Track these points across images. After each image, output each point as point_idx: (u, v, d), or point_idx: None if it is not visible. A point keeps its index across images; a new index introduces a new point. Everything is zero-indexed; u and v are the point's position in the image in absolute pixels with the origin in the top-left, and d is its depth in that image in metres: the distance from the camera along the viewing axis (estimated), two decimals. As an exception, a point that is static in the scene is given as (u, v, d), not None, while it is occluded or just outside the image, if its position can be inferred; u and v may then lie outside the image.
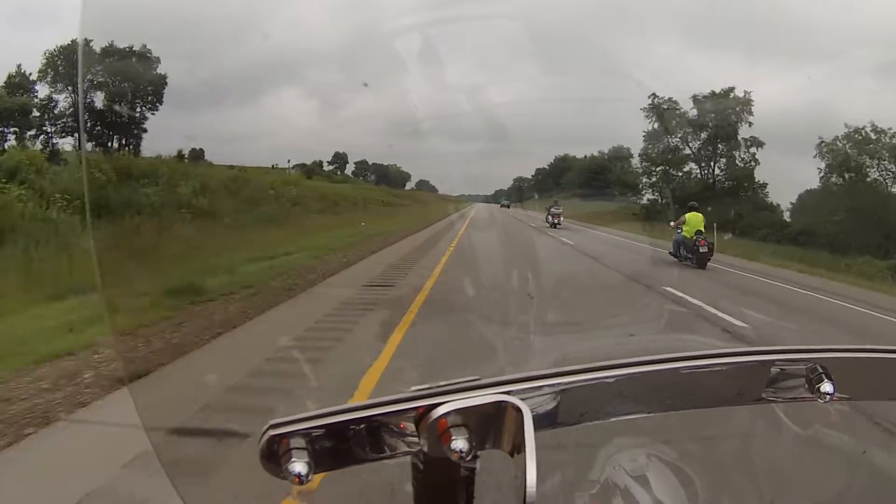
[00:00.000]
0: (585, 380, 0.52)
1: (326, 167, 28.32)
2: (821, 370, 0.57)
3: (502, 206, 29.08)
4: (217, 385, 3.55)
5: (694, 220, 10.47)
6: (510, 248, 10.91)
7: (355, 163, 31.86)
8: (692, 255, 10.14)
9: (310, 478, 0.45)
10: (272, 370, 3.92)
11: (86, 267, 6.32)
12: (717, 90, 19.26)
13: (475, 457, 0.48)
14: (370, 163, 32.61)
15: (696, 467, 1.01)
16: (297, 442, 0.45)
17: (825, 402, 0.57)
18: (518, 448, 0.46)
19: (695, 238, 10.15)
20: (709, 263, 10.13)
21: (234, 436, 2.74)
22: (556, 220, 17.77)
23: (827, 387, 0.56)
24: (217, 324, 5.15)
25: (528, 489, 0.42)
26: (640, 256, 11.92)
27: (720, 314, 5.86)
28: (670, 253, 10.81)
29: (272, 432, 0.45)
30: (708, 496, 1.05)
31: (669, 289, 7.41)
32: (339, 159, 30.29)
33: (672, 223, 11.29)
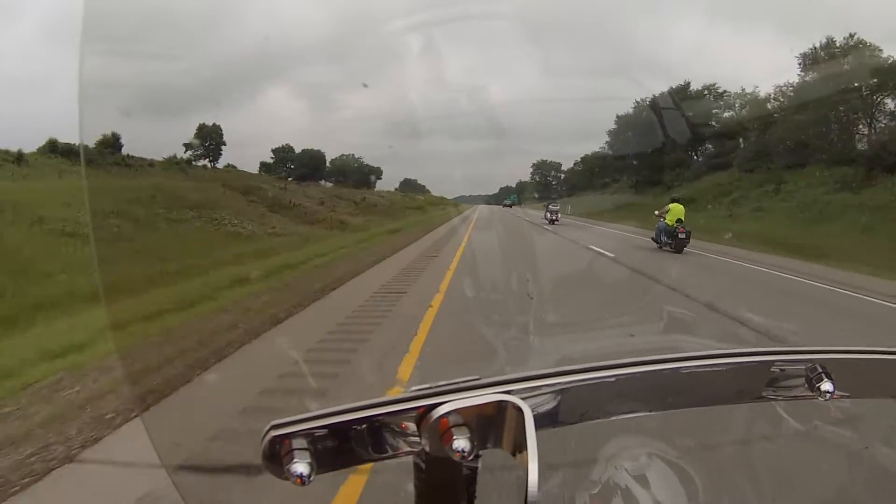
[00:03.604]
0: (586, 379, 0.52)
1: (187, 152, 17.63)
2: (820, 370, 0.57)
3: (504, 205, 28.34)
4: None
5: (676, 209, 11.48)
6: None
7: (273, 150, 22.19)
8: (672, 240, 11.12)
9: (312, 478, 0.45)
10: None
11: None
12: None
13: (477, 456, 0.48)
14: (298, 150, 21.63)
15: (697, 466, 1.01)
16: (299, 442, 0.45)
17: (825, 400, 0.57)
18: (519, 447, 0.46)
19: (675, 226, 11.19)
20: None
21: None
22: (553, 217, 18.61)
23: (827, 385, 0.56)
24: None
25: (529, 488, 0.42)
26: None
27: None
28: (651, 238, 11.84)
29: (274, 433, 0.45)
30: (709, 495, 1.05)
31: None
32: (208, 135, 18.11)
33: (656, 212, 12.22)
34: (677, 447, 1.06)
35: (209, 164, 20.13)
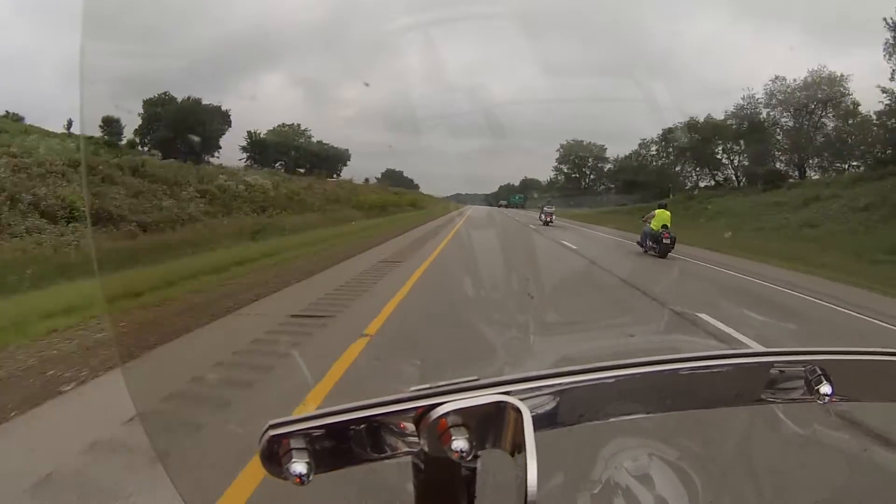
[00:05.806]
0: (585, 380, 0.52)
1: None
2: (820, 372, 0.57)
3: (500, 205, 28.29)
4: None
5: (662, 215, 11.87)
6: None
7: (145, 101, 13.94)
8: (657, 245, 11.50)
9: (310, 478, 0.45)
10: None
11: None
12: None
13: (476, 457, 0.48)
14: (195, 99, 13.43)
15: (696, 467, 1.01)
16: (298, 442, 0.45)
17: (824, 403, 0.57)
18: (518, 448, 0.46)
19: (660, 231, 11.57)
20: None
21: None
22: (548, 218, 18.82)
23: (826, 388, 0.56)
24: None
25: (529, 489, 0.42)
26: None
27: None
28: (637, 242, 12.26)
29: (272, 432, 0.45)
30: (708, 496, 1.05)
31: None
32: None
33: (643, 218, 12.62)
34: (677, 447, 1.06)
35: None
